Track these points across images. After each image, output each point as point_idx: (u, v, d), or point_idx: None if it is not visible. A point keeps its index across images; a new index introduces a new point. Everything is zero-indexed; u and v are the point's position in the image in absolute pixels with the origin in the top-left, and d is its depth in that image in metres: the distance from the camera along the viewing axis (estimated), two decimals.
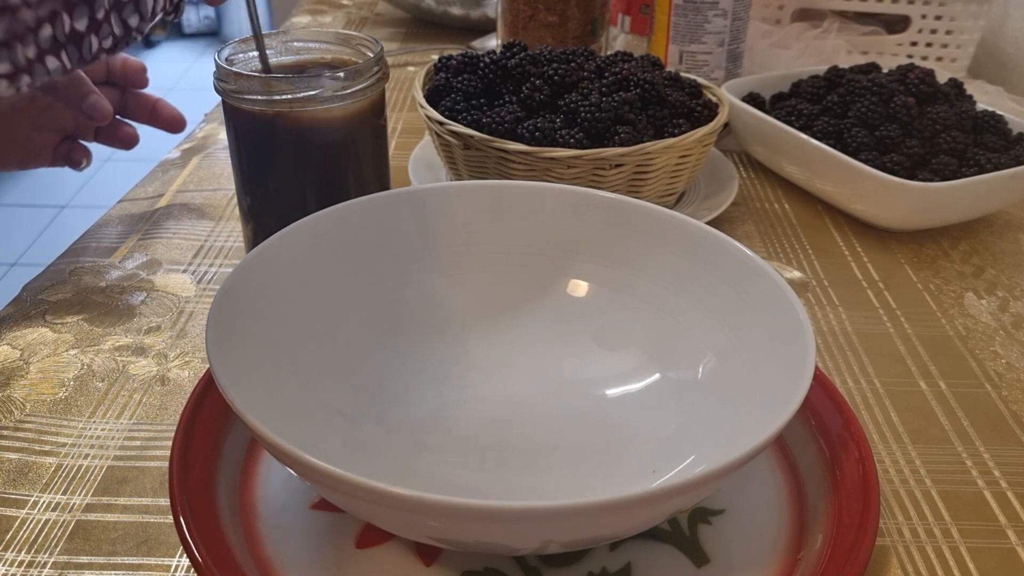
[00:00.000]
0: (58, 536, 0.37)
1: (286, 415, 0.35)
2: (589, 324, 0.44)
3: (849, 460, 0.36)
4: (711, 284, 0.41)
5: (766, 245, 0.60)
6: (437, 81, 0.61)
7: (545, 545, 0.31)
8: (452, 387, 0.42)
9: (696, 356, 0.41)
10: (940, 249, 0.60)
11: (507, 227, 0.45)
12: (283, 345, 0.38)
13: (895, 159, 0.60)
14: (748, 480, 0.38)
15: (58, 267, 0.55)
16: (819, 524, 0.35)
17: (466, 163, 0.57)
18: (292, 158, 0.48)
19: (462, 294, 0.45)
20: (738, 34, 0.77)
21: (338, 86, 0.46)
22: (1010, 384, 0.47)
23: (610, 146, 0.55)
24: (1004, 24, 0.95)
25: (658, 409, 0.40)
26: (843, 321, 0.52)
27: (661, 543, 0.35)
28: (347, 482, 0.27)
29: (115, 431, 0.42)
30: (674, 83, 0.61)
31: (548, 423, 0.41)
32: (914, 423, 0.44)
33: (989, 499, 0.40)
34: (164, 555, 0.36)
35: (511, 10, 0.76)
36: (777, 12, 0.90)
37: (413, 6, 1.05)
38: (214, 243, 0.58)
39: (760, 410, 0.34)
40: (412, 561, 0.34)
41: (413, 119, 0.80)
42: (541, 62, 0.60)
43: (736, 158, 0.73)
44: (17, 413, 0.43)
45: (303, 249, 0.41)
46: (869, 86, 0.65)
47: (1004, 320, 0.53)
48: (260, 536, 0.35)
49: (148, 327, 0.50)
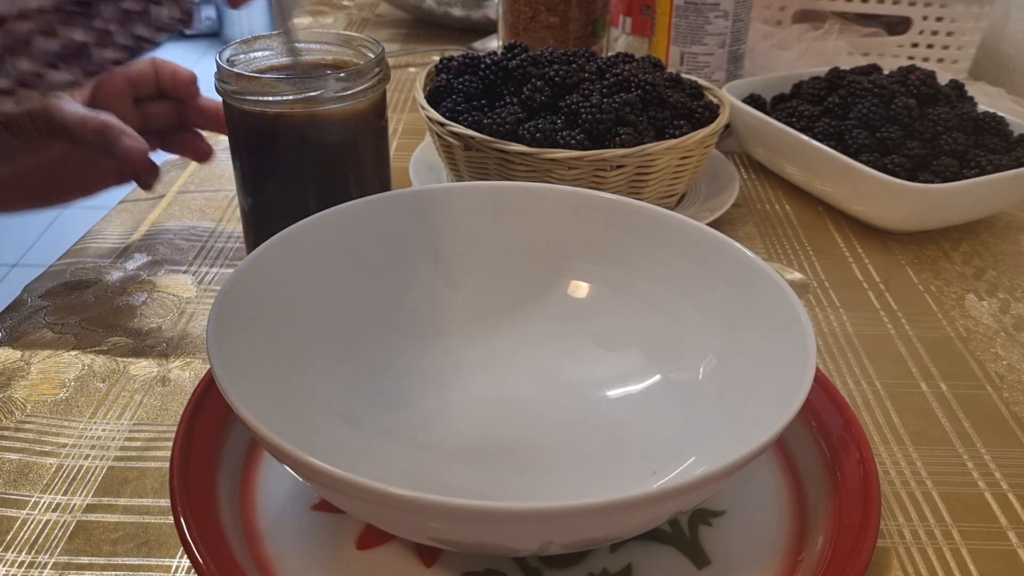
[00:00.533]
0: (59, 537, 0.37)
1: (287, 416, 0.35)
2: (590, 325, 0.44)
3: (850, 461, 0.36)
4: (712, 285, 0.41)
5: (767, 246, 0.60)
6: (438, 82, 0.61)
7: (546, 546, 0.31)
8: (453, 388, 0.42)
9: (697, 357, 0.40)
10: (941, 251, 0.60)
11: (508, 228, 0.45)
12: (284, 346, 0.38)
13: (896, 160, 0.60)
14: (749, 481, 0.38)
15: (59, 268, 0.55)
16: (820, 525, 0.35)
17: (467, 164, 0.57)
18: (293, 159, 0.48)
19: (463, 295, 0.45)
20: (739, 35, 0.77)
21: (339, 87, 0.46)
22: (1011, 386, 0.47)
23: (611, 147, 0.55)
24: (1005, 26, 0.95)
25: (659, 410, 0.40)
26: (844, 322, 0.52)
27: (662, 544, 0.35)
28: (348, 483, 0.27)
29: (116, 432, 0.42)
30: (675, 84, 0.61)
31: (549, 424, 0.41)
32: (915, 424, 0.44)
33: (990, 501, 0.40)
34: (165, 556, 0.36)
35: (512, 11, 0.76)
36: (778, 13, 0.90)
37: (414, 7, 1.05)
38: (215, 244, 0.58)
39: (761, 411, 0.34)
40: (412, 562, 0.34)
41: (414, 120, 0.80)
42: (542, 63, 0.60)
43: (737, 159, 0.73)
44: (18, 414, 0.43)
45: (304, 250, 0.41)
46: (870, 87, 0.65)
47: (1005, 322, 0.53)
48: (261, 537, 0.35)
49: (149, 328, 0.50)
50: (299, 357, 0.39)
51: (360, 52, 0.50)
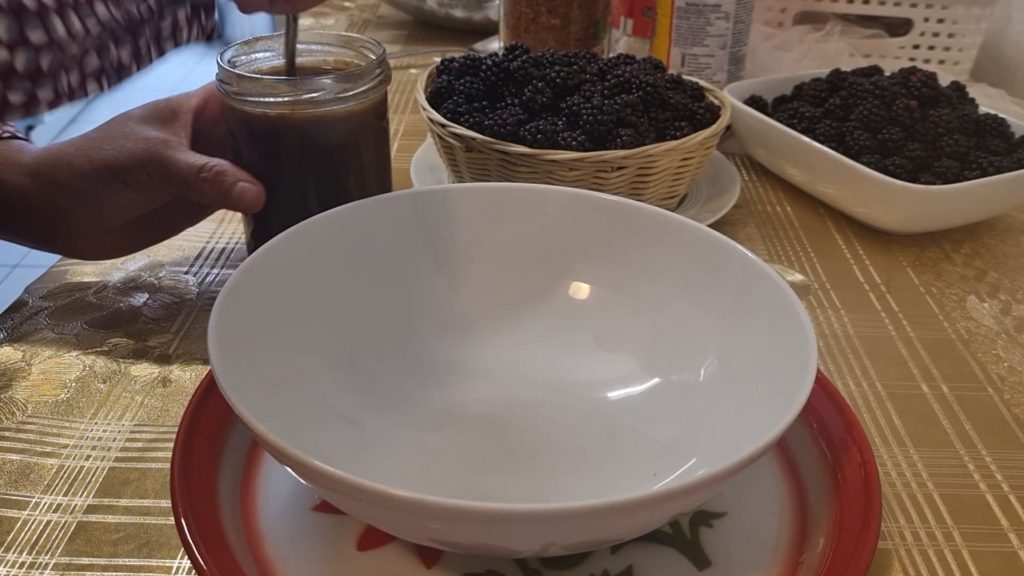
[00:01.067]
0: (59, 537, 0.37)
1: (288, 417, 0.35)
2: (591, 326, 0.44)
3: (851, 463, 0.36)
4: (713, 287, 0.41)
5: (768, 248, 0.60)
6: (439, 83, 0.61)
7: (546, 548, 0.31)
8: (454, 389, 0.42)
9: (698, 358, 0.40)
10: (942, 252, 0.60)
11: (509, 229, 0.45)
12: (285, 347, 0.38)
13: (897, 162, 0.60)
14: (750, 483, 0.38)
15: (60, 269, 0.55)
16: (821, 527, 0.35)
17: (468, 165, 0.57)
18: (293, 160, 0.48)
19: (464, 296, 0.45)
20: (740, 37, 0.77)
21: (339, 88, 0.46)
22: (1012, 387, 0.47)
23: (612, 149, 0.55)
24: (1006, 27, 0.95)
25: (660, 412, 0.40)
26: (845, 324, 0.52)
27: (663, 546, 0.35)
28: (349, 484, 0.27)
29: (117, 433, 0.42)
30: (676, 86, 0.61)
31: (550, 425, 0.41)
32: (916, 426, 0.44)
33: (991, 502, 0.40)
34: (165, 557, 0.36)
35: (513, 12, 0.76)
36: (779, 15, 0.90)
37: (415, 8, 1.05)
38: (216, 245, 0.58)
39: (762, 413, 0.34)
40: (413, 563, 0.34)
41: (415, 121, 0.80)
42: (543, 65, 0.60)
43: (738, 161, 0.73)
44: (19, 414, 0.43)
45: (306, 251, 0.41)
46: (871, 89, 0.65)
47: (1006, 323, 0.53)
48: (261, 538, 0.35)
49: (150, 329, 0.50)
50: (300, 358, 0.39)
51: (361, 53, 0.50)
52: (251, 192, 0.47)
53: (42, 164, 0.47)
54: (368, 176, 0.51)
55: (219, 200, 0.47)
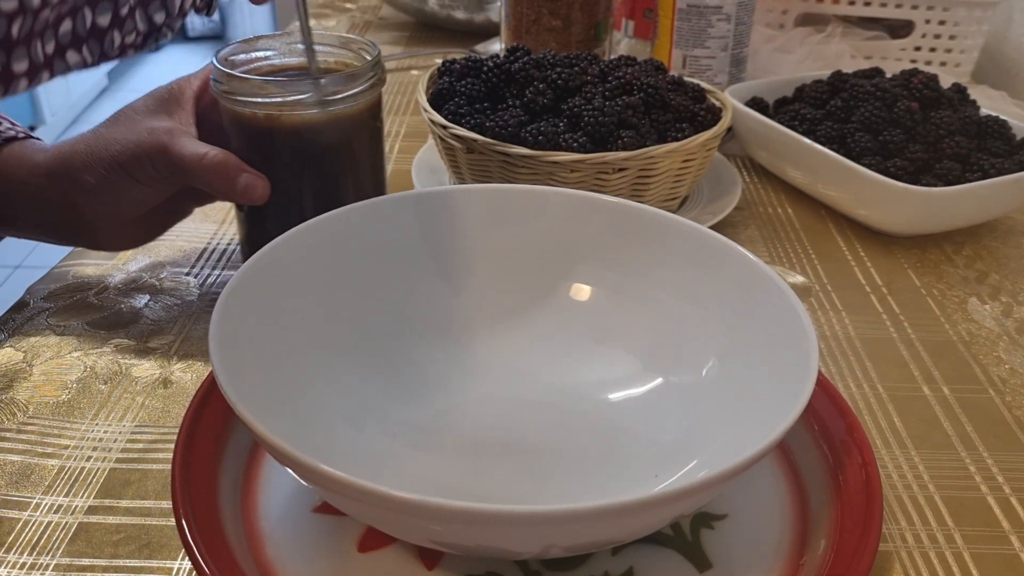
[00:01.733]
0: (60, 538, 0.37)
1: (288, 418, 0.35)
2: (592, 328, 0.44)
3: (852, 465, 0.36)
4: (714, 288, 0.41)
5: (769, 250, 0.60)
6: (440, 85, 0.61)
7: (547, 549, 0.31)
8: (455, 390, 0.42)
9: (699, 360, 0.40)
10: (944, 254, 0.60)
11: (510, 231, 0.45)
12: (286, 348, 0.38)
13: (899, 164, 0.60)
14: (751, 485, 0.38)
15: (61, 270, 0.55)
16: (822, 529, 0.35)
17: (469, 167, 0.57)
18: (286, 161, 0.48)
19: (465, 297, 0.45)
20: (742, 38, 0.77)
21: (329, 90, 0.46)
22: (1014, 389, 0.47)
23: (613, 150, 0.55)
24: (1008, 29, 0.95)
25: (661, 413, 0.40)
26: (846, 326, 0.52)
27: (663, 548, 0.35)
28: (349, 486, 0.27)
29: (118, 433, 0.42)
30: (677, 87, 0.61)
31: (551, 427, 0.41)
32: (917, 428, 0.44)
33: (992, 504, 0.40)
34: (166, 558, 0.36)
35: (515, 14, 0.76)
36: (781, 17, 0.90)
37: (417, 10, 1.05)
38: (217, 246, 0.59)
39: (763, 415, 0.34)
40: (414, 565, 0.34)
41: (416, 123, 0.80)
42: (544, 66, 0.60)
43: (739, 162, 0.73)
44: (20, 415, 0.43)
45: (307, 252, 0.41)
46: (873, 91, 0.65)
47: (1008, 325, 0.53)
48: (262, 539, 0.35)
49: (151, 330, 0.50)
50: (301, 359, 0.39)
51: (358, 55, 0.50)
52: (259, 185, 0.47)
53: (56, 163, 0.48)
54: (362, 178, 0.51)
55: (225, 191, 0.47)
